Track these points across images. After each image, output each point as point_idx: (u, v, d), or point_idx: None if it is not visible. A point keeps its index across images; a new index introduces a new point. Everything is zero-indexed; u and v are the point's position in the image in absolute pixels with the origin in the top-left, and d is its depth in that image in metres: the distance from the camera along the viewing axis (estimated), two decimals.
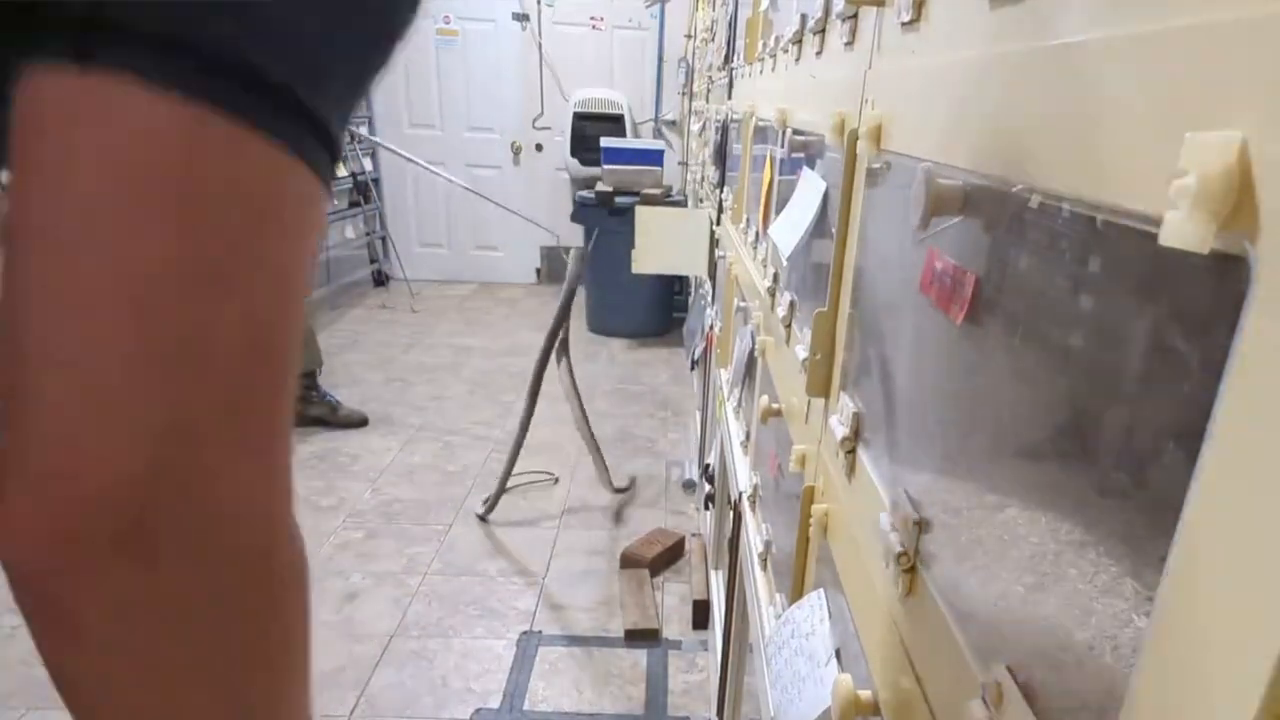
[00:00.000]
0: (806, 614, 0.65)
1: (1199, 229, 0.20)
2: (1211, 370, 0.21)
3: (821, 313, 0.68)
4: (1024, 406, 0.35)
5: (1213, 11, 0.21)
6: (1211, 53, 0.21)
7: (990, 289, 0.38)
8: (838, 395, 0.65)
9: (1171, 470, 0.23)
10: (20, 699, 1.62)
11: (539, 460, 2.79)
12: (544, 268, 5.48)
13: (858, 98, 0.61)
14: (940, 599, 0.40)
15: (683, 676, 1.76)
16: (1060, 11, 0.32)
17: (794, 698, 0.60)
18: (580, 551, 2.24)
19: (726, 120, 2.03)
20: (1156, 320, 0.26)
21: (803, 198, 0.81)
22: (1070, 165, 0.29)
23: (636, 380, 3.66)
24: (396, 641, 1.83)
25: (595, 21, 5.02)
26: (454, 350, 3.93)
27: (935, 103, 0.46)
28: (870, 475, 0.54)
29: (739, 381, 1.35)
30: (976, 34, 0.41)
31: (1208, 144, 0.20)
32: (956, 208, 0.41)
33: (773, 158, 1.10)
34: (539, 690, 1.70)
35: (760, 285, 1.12)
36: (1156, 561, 0.23)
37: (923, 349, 0.49)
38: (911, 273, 0.48)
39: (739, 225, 1.55)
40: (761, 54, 1.35)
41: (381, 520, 2.36)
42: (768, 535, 0.96)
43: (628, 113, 4.84)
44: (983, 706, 0.33)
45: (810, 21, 0.86)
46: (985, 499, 0.38)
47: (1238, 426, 0.20)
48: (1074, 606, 0.29)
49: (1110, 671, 0.26)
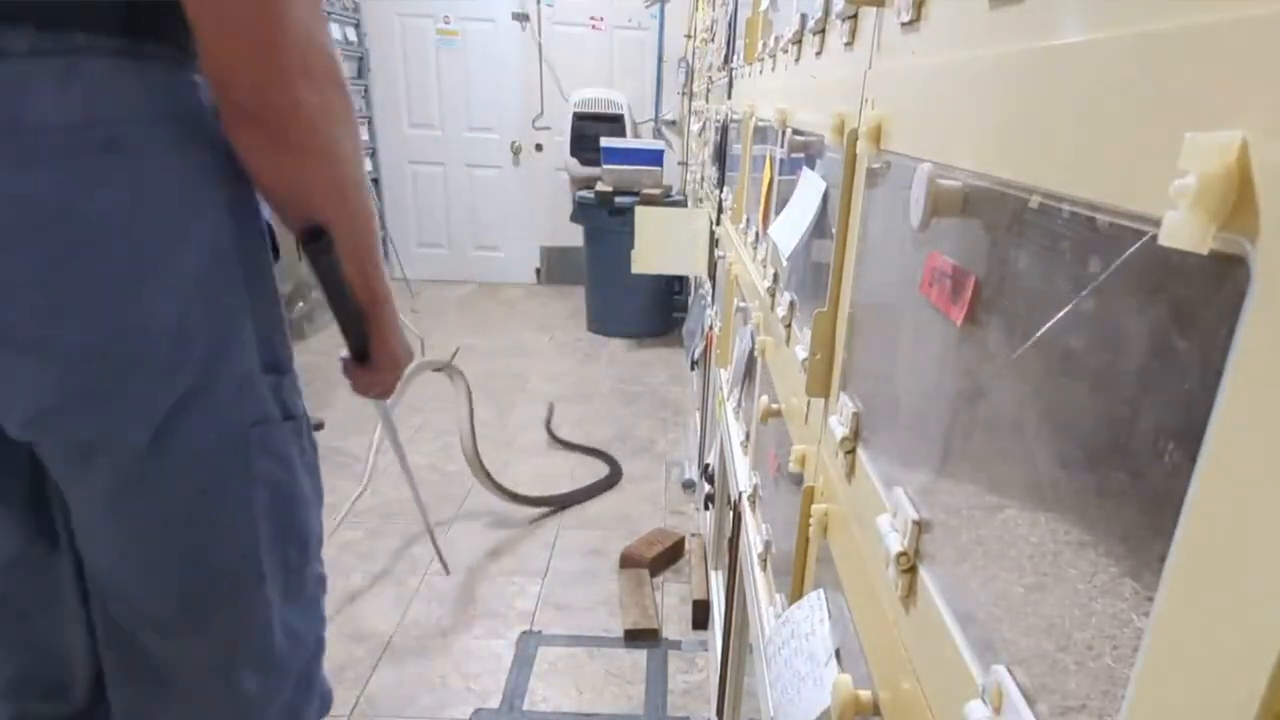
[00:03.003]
0: (806, 614, 0.65)
1: (1199, 229, 0.20)
2: (1211, 370, 0.21)
3: (821, 313, 0.68)
4: (1024, 407, 0.35)
5: (1213, 11, 0.21)
6: (1211, 53, 0.21)
7: (990, 289, 0.38)
8: (837, 395, 0.65)
9: (1171, 470, 0.23)
10: None
11: (533, 463, 2.79)
12: (544, 268, 5.48)
13: (857, 98, 0.61)
14: (940, 599, 0.40)
15: (682, 676, 1.76)
16: (1060, 11, 0.32)
17: (793, 698, 0.60)
18: (580, 551, 2.24)
19: (726, 120, 2.03)
20: (1156, 320, 0.26)
21: (803, 198, 0.81)
22: (1070, 165, 0.29)
23: (636, 380, 3.66)
24: (396, 641, 1.83)
25: (595, 21, 5.02)
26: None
27: (935, 103, 0.46)
28: (870, 475, 0.54)
29: (739, 381, 1.35)
30: (976, 34, 0.41)
31: (1208, 144, 0.20)
32: (956, 208, 0.41)
33: (772, 158, 1.10)
34: (539, 690, 1.70)
35: (760, 285, 1.12)
36: (1156, 561, 0.23)
37: (922, 349, 0.49)
38: (911, 273, 0.48)
39: (739, 225, 1.55)
40: (761, 54, 1.35)
41: (381, 520, 2.36)
42: (767, 535, 0.96)
43: (627, 113, 4.85)
44: (983, 707, 0.33)
45: (810, 21, 0.86)
46: (985, 499, 0.38)
47: (1238, 426, 0.20)
48: (1074, 606, 0.29)
49: (1110, 671, 0.26)
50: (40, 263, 0.59)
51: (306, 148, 0.67)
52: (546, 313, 4.81)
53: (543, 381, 3.60)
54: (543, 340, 4.21)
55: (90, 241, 0.60)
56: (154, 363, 0.65)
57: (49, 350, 0.62)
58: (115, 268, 0.62)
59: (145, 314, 0.64)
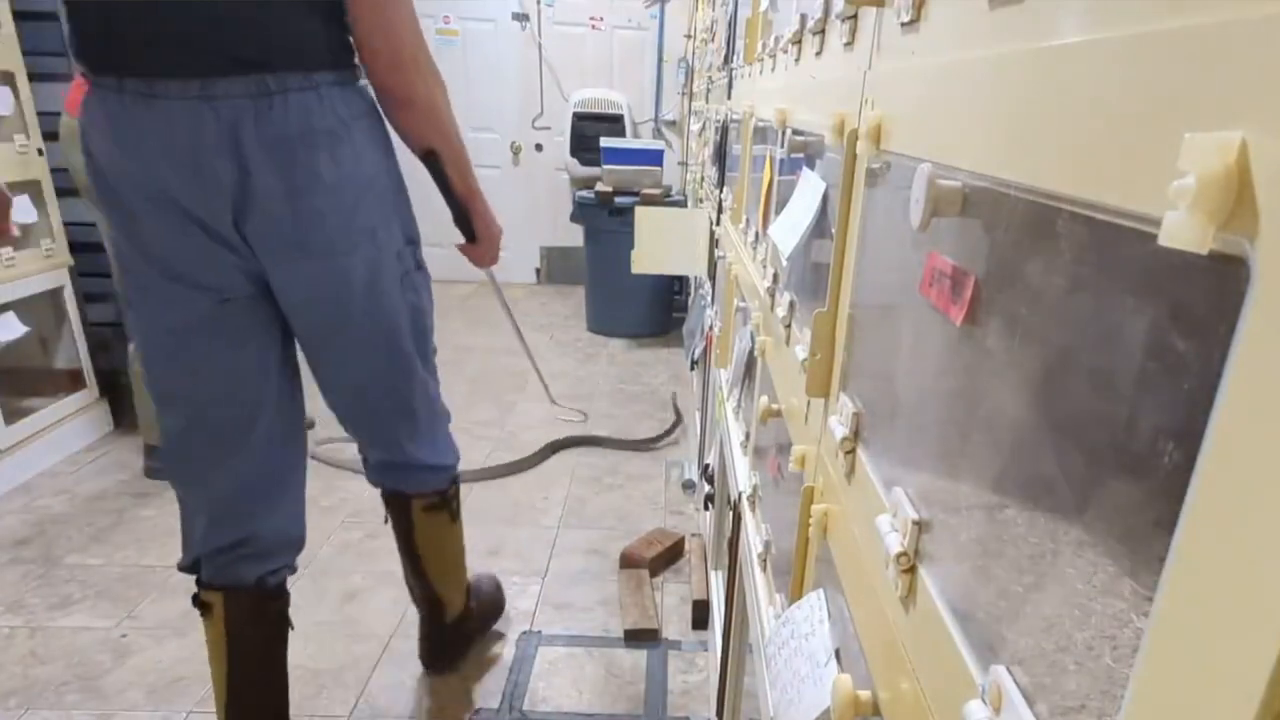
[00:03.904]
0: (806, 614, 0.65)
1: (1198, 230, 0.20)
2: (1211, 370, 0.21)
3: (821, 313, 0.68)
4: (1024, 407, 0.35)
5: (1213, 11, 0.21)
6: (1211, 53, 0.21)
7: (990, 290, 0.38)
8: (837, 395, 0.65)
9: (1171, 470, 0.23)
10: (20, 699, 1.62)
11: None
12: (544, 268, 5.48)
13: (857, 98, 0.61)
14: (940, 599, 0.40)
15: (682, 676, 1.76)
16: (1060, 12, 0.32)
17: (793, 698, 0.60)
18: (580, 551, 2.24)
19: (726, 120, 2.03)
20: (1156, 321, 0.26)
21: (802, 198, 0.81)
22: (1070, 165, 0.29)
23: (636, 380, 3.66)
24: (396, 641, 1.83)
25: (595, 21, 5.02)
26: (454, 349, 3.93)
27: (935, 103, 0.46)
28: (870, 475, 0.54)
29: (739, 382, 1.35)
30: (976, 34, 0.41)
31: (1207, 144, 0.20)
32: (956, 208, 0.41)
33: (772, 158, 1.10)
34: (539, 690, 1.70)
35: (760, 285, 1.12)
36: (1155, 561, 0.23)
37: (922, 349, 0.49)
38: (911, 273, 0.48)
39: (739, 225, 1.55)
40: (761, 54, 1.35)
41: (381, 520, 2.35)
42: (767, 535, 0.96)
43: (627, 113, 4.84)
44: (982, 707, 0.33)
45: (810, 22, 0.86)
46: (985, 499, 0.38)
47: (1238, 426, 0.20)
48: (1073, 606, 0.29)
49: (1110, 671, 0.26)
50: (336, 194, 1.16)
51: (423, 111, 1.27)
52: (547, 313, 4.81)
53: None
54: (543, 340, 4.21)
55: (344, 183, 1.16)
56: (368, 244, 1.23)
57: (329, 250, 1.19)
58: (355, 195, 1.19)
59: (365, 216, 1.21)
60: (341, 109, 1.13)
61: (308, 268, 1.18)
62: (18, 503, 2.38)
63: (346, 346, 1.29)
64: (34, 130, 2.54)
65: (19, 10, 2.46)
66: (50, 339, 2.76)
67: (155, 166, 1.07)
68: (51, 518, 2.31)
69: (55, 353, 2.77)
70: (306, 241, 1.15)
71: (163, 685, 1.68)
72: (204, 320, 1.18)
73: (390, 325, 1.30)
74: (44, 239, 2.59)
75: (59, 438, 2.65)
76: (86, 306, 2.77)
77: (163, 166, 1.06)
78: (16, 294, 2.48)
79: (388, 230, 1.25)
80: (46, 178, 2.59)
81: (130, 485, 2.51)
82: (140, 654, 1.77)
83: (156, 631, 1.85)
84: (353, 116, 1.16)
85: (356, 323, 1.26)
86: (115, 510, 2.36)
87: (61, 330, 2.74)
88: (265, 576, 1.31)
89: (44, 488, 2.48)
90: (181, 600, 1.95)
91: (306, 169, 1.11)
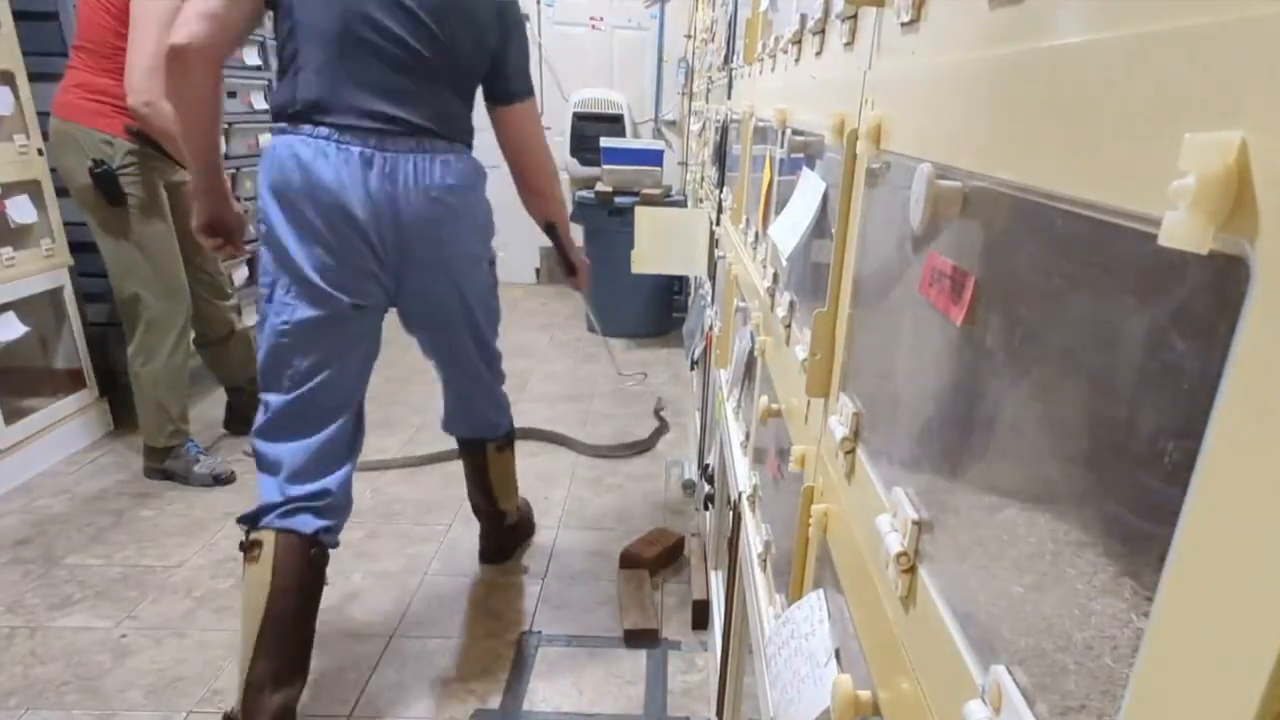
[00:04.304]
0: (806, 614, 0.65)
1: (1198, 229, 0.20)
2: (1211, 370, 0.21)
3: (821, 313, 0.68)
4: (1023, 407, 0.35)
5: (1213, 12, 0.21)
6: (1211, 53, 0.21)
7: (990, 290, 0.38)
8: (837, 395, 0.65)
9: (1171, 470, 0.23)
10: (20, 699, 1.62)
11: (531, 462, 2.79)
12: (544, 268, 5.48)
13: (857, 98, 0.61)
14: (940, 599, 0.40)
15: (682, 677, 1.76)
16: (1060, 12, 0.32)
17: (793, 698, 0.60)
18: (580, 551, 2.24)
19: (726, 120, 2.03)
20: (1156, 321, 0.26)
21: (802, 198, 0.81)
22: (1070, 165, 0.29)
23: (636, 380, 3.66)
24: (396, 641, 1.83)
25: (595, 21, 5.02)
26: None
27: (935, 103, 0.46)
28: (870, 475, 0.54)
29: (738, 382, 1.35)
30: (976, 34, 0.41)
31: (1207, 144, 0.20)
32: (956, 208, 0.41)
33: (772, 158, 1.10)
34: (539, 690, 1.70)
35: (760, 285, 1.12)
36: (1156, 561, 0.23)
37: (922, 349, 0.49)
38: (911, 273, 0.48)
39: (739, 225, 1.55)
40: (761, 54, 1.35)
41: (381, 520, 2.36)
42: (767, 535, 0.96)
43: (627, 113, 4.84)
44: (982, 707, 0.33)
45: (810, 22, 0.86)
46: (985, 499, 0.38)
47: (1238, 426, 0.20)
48: (1073, 606, 0.29)
49: (1110, 671, 0.26)
50: (458, 228, 1.59)
51: (549, 199, 1.88)
52: (547, 312, 4.81)
53: (543, 381, 3.60)
54: (543, 340, 4.21)
55: (465, 219, 1.61)
56: (474, 267, 1.71)
57: (451, 271, 1.65)
58: (472, 230, 1.65)
59: (475, 247, 1.69)
60: (470, 171, 1.60)
61: (435, 284, 1.64)
62: (17, 503, 2.39)
63: (452, 335, 1.79)
64: (34, 130, 2.54)
65: (19, 10, 2.46)
66: (50, 339, 2.76)
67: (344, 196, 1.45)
68: (51, 518, 2.31)
69: (55, 353, 2.77)
70: (437, 262, 1.59)
71: (162, 685, 1.68)
72: (339, 319, 1.52)
73: (479, 321, 1.79)
74: (44, 239, 2.59)
75: (59, 438, 2.66)
76: (86, 306, 2.77)
77: (351, 198, 1.46)
78: (16, 294, 2.48)
79: (485, 255, 1.75)
80: (46, 178, 2.59)
81: (130, 485, 2.51)
82: (140, 654, 1.77)
83: (156, 632, 1.85)
84: (475, 177, 1.63)
85: (461, 321, 1.76)
86: (115, 510, 2.36)
87: (61, 330, 2.74)
88: (322, 532, 1.55)
89: (44, 488, 2.48)
90: (182, 600, 1.95)
91: (447, 209, 1.55)
